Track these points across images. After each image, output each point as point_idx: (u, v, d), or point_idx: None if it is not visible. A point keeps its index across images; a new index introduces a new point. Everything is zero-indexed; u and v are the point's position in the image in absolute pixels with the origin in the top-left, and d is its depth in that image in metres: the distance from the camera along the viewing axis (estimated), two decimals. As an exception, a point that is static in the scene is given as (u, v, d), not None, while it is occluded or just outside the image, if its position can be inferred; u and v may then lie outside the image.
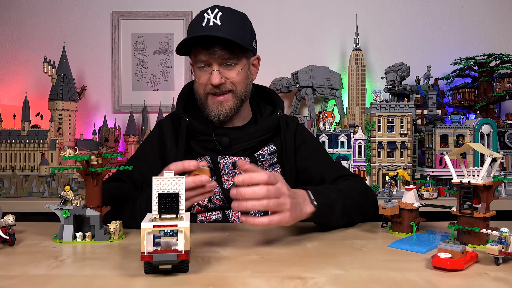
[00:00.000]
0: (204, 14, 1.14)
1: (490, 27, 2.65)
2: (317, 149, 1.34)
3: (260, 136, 1.24)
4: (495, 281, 0.64)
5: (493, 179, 0.86)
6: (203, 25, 1.12)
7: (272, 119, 1.27)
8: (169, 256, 0.64)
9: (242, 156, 1.22)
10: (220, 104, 1.20)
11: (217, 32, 1.11)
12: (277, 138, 1.28)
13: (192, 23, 1.17)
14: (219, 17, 1.13)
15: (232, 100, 1.20)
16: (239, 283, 0.63)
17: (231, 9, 1.18)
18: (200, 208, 1.20)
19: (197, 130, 1.23)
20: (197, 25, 1.14)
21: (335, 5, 2.65)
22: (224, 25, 1.12)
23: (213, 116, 1.21)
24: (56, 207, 0.88)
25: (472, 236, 0.83)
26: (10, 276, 0.67)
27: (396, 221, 0.97)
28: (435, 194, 2.02)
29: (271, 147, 1.27)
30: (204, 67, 1.17)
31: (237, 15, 1.18)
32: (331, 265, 0.72)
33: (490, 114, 2.35)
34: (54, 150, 2.17)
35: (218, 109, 1.20)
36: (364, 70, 2.41)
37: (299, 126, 1.37)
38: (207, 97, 1.21)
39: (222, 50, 1.13)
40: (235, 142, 1.23)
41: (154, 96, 2.62)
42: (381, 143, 2.14)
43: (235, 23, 1.16)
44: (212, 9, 1.15)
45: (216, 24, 1.12)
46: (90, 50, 2.63)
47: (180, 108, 1.29)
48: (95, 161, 0.90)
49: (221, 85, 1.17)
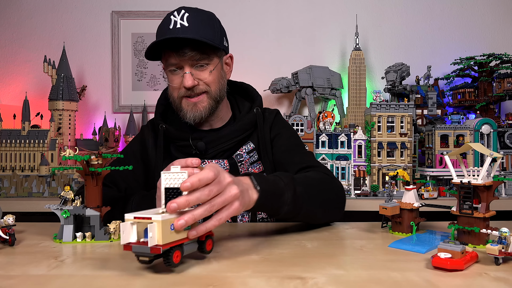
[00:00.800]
0: (171, 17, 1.12)
1: (490, 27, 2.65)
2: (289, 140, 1.28)
3: (236, 136, 1.23)
4: (495, 281, 0.64)
5: (493, 179, 0.86)
6: (170, 27, 1.11)
7: (248, 117, 1.25)
8: (143, 248, 0.64)
9: (220, 159, 1.21)
10: (194, 105, 1.18)
11: (185, 33, 1.09)
12: (255, 135, 1.27)
13: (160, 27, 1.15)
14: (186, 18, 1.11)
15: (206, 101, 1.19)
16: (239, 283, 0.63)
17: (197, 9, 1.16)
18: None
19: (174, 136, 1.23)
20: (164, 28, 1.12)
21: (335, 5, 2.65)
22: (191, 26, 1.11)
23: (188, 119, 1.20)
24: (56, 207, 0.88)
25: (472, 236, 0.83)
26: (10, 276, 0.67)
27: (396, 221, 0.97)
28: (435, 194, 2.02)
29: (249, 145, 1.25)
30: (176, 70, 1.16)
31: (204, 15, 1.17)
32: (331, 265, 0.72)
33: (490, 114, 2.35)
34: (54, 150, 2.17)
35: (193, 111, 1.19)
36: (364, 70, 2.41)
37: (277, 117, 1.33)
38: (181, 100, 1.19)
39: (192, 51, 1.12)
40: (211, 146, 1.21)
41: (154, 96, 2.59)
42: (381, 143, 2.14)
43: (203, 23, 1.14)
44: (178, 11, 1.13)
45: (184, 26, 1.10)
46: (90, 50, 2.64)
47: (158, 114, 1.30)
48: (95, 161, 0.90)
49: (195, 87, 1.16)
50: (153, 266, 0.71)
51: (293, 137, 1.32)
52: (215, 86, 1.20)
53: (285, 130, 1.31)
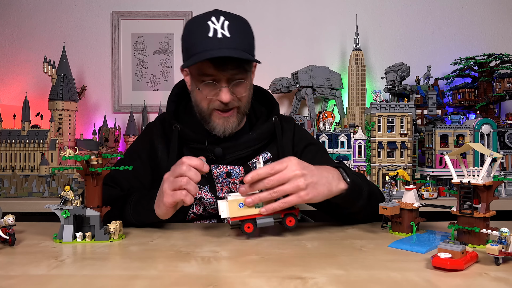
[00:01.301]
0: (209, 23, 1.05)
1: (490, 27, 2.65)
2: (323, 153, 1.31)
3: (254, 145, 1.20)
4: (495, 281, 0.64)
5: (493, 179, 0.86)
6: (210, 36, 1.04)
7: (267, 126, 1.22)
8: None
9: (235, 165, 1.19)
10: (226, 120, 1.14)
11: (228, 45, 1.04)
12: (273, 145, 1.24)
13: (196, 32, 1.07)
14: (227, 27, 1.05)
15: (236, 115, 1.15)
16: (239, 283, 0.63)
17: (234, 16, 1.10)
18: (195, 217, 1.20)
19: (189, 138, 1.19)
20: (203, 37, 1.05)
21: (335, 5, 2.65)
22: (234, 38, 1.05)
23: (218, 131, 1.15)
24: (56, 207, 0.88)
25: (472, 236, 0.83)
26: (10, 276, 0.67)
27: (396, 221, 0.97)
28: (435, 194, 2.02)
29: (266, 154, 1.23)
30: (211, 82, 1.10)
31: (241, 22, 1.11)
32: (331, 265, 0.72)
33: (490, 114, 2.35)
34: (54, 150, 2.17)
35: (224, 125, 1.14)
36: (364, 70, 2.41)
37: (297, 128, 1.33)
38: (212, 113, 1.14)
39: (234, 68, 1.07)
40: (228, 152, 1.18)
41: (154, 96, 2.62)
42: (381, 143, 2.14)
43: (243, 33, 1.10)
44: (217, 17, 1.06)
45: (226, 37, 1.04)
46: (90, 50, 2.63)
47: (171, 112, 1.24)
48: (95, 161, 0.90)
49: (229, 102, 1.11)
50: (153, 266, 0.71)
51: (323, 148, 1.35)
52: (246, 100, 1.17)
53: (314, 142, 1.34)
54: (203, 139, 1.18)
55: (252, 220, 0.89)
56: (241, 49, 1.06)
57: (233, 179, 1.19)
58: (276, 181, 0.88)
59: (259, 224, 0.90)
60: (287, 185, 0.89)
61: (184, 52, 1.14)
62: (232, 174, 1.18)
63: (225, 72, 1.07)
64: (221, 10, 1.11)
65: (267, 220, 0.90)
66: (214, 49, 1.04)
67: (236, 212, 0.89)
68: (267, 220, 0.90)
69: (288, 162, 0.90)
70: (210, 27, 1.05)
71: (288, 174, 0.89)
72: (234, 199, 0.89)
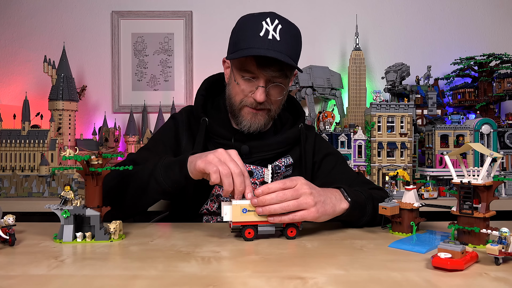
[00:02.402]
0: (263, 23, 1.08)
1: (490, 27, 2.65)
2: (342, 162, 1.33)
3: (279, 148, 1.22)
4: (495, 281, 0.64)
5: (493, 179, 0.86)
6: (261, 35, 1.07)
7: (293, 132, 1.24)
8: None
9: (258, 166, 1.20)
10: (254, 116, 1.16)
11: (276, 48, 1.06)
12: (295, 151, 1.26)
13: (246, 28, 1.11)
14: (279, 31, 1.08)
15: (265, 116, 1.17)
16: (239, 283, 0.63)
17: (289, 22, 1.13)
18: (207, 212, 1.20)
19: (217, 133, 1.20)
20: (254, 34, 1.08)
21: (335, 5, 2.65)
22: (283, 42, 1.07)
23: (244, 126, 1.17)
24: (56, 207, 0.88)
25: (472, 236, 0.83)
26: (10, 276, 0.67)
27: (396, 221, 0.97)
28: (435, 194, 2.01)
29: (288, 159, 1.24)
30: (250, 78, 1.12)
31: (294, 30, 1.14)
32: (331, 265, 0.72)
33: (490, 114, 2.35)
34: (54, 150, 2.17)
35: (251, 121, 1.16)
36: (364, 70, 2.41)
37: (318, 137, 1.34)
38: (243, 108, 1.16)
39: (276, 71, 1.09)
40: (254, 151, 1.20)
41: (154, 96, 2.62)
42: (381, 143, 2.14)
43: (293, 41, 1.12)
44: (272, 19, 1.09)
45: (275, 39, 1.07)
46: (90, 50, 2.63)
47: (200, 106, 1.24)
48: (95, 161, 0.90)
49: (262, 103, 1.13)
50: (153, 266, 0.71)
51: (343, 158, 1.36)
52: (278, 105, 1.18)
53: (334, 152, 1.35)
54: (230, 135, 1.19)
55: (254, 227, 0.90)
56: (287, 55, 1.08)
57: (254, 179, 1.20)
58: (290, 196, 0.89)
59: (260, 232, 0.91)
60: (298, 201, 0.90)
61: (231, 45, 1.16)
62: (254, 174, 1.19)
63: (266, 72, 1.09)
64: (277, 13, 1.14)
65: (268, 228, 0.91)
66: (261, 48, 1.06)
67: (238, 217, 0.90)
68: (268, 228, 0.91)
69: (298, 181, 0.92)
70: (263, 27, 1.08)
71: (299, 190, 0.90)
72: (238, 203, 0.90)
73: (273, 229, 0.91)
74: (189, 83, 2.61)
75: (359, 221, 1.03)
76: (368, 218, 1.03)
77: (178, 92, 2.62)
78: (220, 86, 1.31)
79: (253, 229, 0.90)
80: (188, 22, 2.62)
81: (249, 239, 0.89)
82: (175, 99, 2.58)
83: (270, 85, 1.12)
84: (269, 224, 0.90)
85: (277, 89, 1.14)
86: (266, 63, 1.08)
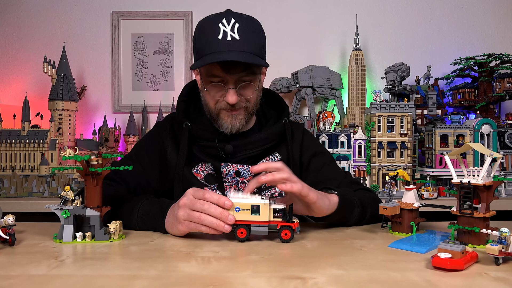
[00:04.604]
0: (219, 25, 1.06)
1: (490, 27, 2.65)
2: (330, 162, 1.32)
3: (264, 144, 1.21)
4: (495, 281, 0.64)
5: (493, 179, 0.86)
6: (220, 38, 1.05)
7: (277, 127, 1.23)
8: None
9: (245, 164, 1.19)
10: (234, 117, 1.15)
11: (237, 48, 1.05)
12: (282, 147, 1.25)
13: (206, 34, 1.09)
14: (237, 29, 1.06)
15: (243, 114, 1.16)
16: (239, 283, 0.63)
17: (246, 17, 1.10)
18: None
19: (200, 136, 1.19)
20: (213, 39, 1.06)
21: (335, 5, 2.65)
22: (242, 40, 1.06)
23: (225, 129, 1.16)
24: (56, 207, 0.88)
25: (472, 236, 0.83)
26: (10, 276, 0.67)
27: (396, 221, 0.97)
28: (435, 194, 2.02)
29: (276, 156, 1.23)
30: (218, 83, 1.11)
31: (254, 24, 1.11)
32: (331, 265, 0.72)
33: (490, 114, 2.35)
34: (54, 150, 2.17)
35: (232, 123, 1.15)
36: (364, 70, 2.41)
37: (306, 135, 1.33)
38: (220, 112, 1.16)
39: (242, 71, 1.08)
40: (239, 150, 1.19)
41: (154, 96, 2.62)
42: (381, 143, 2.14)
43: (253, 36, 1.10)
44: (228, 19, 1.07)
45: (235, 39, 1.05)
46: (90, 50, 2.63)
47: (181, 111, 1.24)
48: (95, 161, 0.90)
49: (236, 103, 1.12)
50: (153, 266, 0.71)
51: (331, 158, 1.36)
52: (254, 101, 1.17)
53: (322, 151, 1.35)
54: (213, 137, 1.19)
55: (246, 226, 0.88)
56: (250, 52, 1.07)
57: (242, 178, 1.19)
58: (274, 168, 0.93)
59: (253, 232, 0.89)
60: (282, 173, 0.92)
61: (195, 53, 1.15)
62: (241, 173, 1.19)
63: (233, 74, 1.08)
64: (233, 11, 1.11)
65: (261, 229, 0.89)
66: (222, 52, 1.05)
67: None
68: (261, 229, 0.89)
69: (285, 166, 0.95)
70: (220, 29, 1.06)
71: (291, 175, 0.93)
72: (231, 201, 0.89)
73: (267, 230, 0.89)
74: (189, 83, 2.61)
75: (348, 220, 1.04)
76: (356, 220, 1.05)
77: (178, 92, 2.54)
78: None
79: (245, 228, 0.88)
80: (188, 22, 2.62)
81: (241, 239, 0.88)
82: (175, 99, 2.55)
83: (239, 85, 1.11)
84: (262, 224, 0.88)
85: (248, 87, 1.13)
86: (231, 65, 1.07)
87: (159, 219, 0.97)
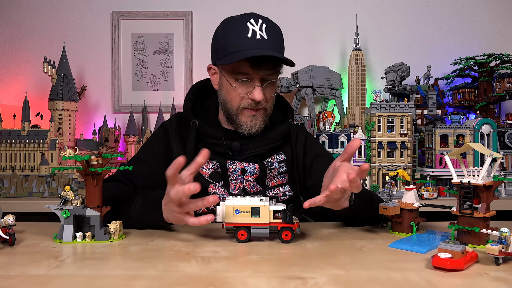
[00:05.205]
0: (248, 24, 1.10)
1: (490, 27, 2.65)
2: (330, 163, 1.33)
3: (270, 143, 1.22)
4: (495, 281, 0.64)
5: (493, 179, 0.86)
6: (249, 36, 1.09)
7: (283, 128, 1.25)
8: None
9: (251, 163, 1.20)
10: (254, 118, 1.17)
11: (266, 47, 1.08)
12: (287, 148, 1.27)
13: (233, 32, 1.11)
14: (265, 30, 1.10)
15: (262, 115, 1.18)
16: (239, 283, 0.63)
17: (270, 20, 1.15)
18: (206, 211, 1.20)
19: (207, 133, 1.20)
20: (242, 35, 1.09)
21: (335, 5, 2.65)
22: (271, 40, 1.10)
23: (244, 129, 1.17)
24: (56, 207, 0.88)
25: (472, 236, 0.83)
26: (10, 276, 0.67)
27: (396, 221, 0.97)
28: (435, 194, 2.02)
29: (281, 155, 1.25)
30: (245, 80, 1.13)
31: (275, 26, 1.16)
32: (331, 265, 0.72)
33: (490, 114, 2.35)
34: (54, 150, 2.17)
35: (252, 123, 1.17)
36: (364, 70, 2.41)
37: (309, 137, 1.36)
38: (242, 111, 1.17)
39: (270, 69, 1.11)
40: (245, 148, 1.20)
41: (154, 96, 2.62)
42: (381, 143, 2.14)
43: (278, 37, 1.14)
44: (255, 19, 1.11)
45: (264, 38, 1.09)
46: (90, 50, 2.63)
47: (188, 109, 1.25)
48: (95, 161, 0.90)
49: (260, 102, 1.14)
50: (153, 266, 0.71)
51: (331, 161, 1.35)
52: (272, 102, 1.20)
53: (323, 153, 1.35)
54: (220, 134, 1.20)
55: (247, 228, 0.89)
56: (277, 51, 1.11)
57: (248, 176, 1.20)
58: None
59: (254, 234, 0.89)
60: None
61: (218, 50, 1.16)
62: (247, 171, 1.19)
63: (261, 71, 1.11)
64: (257, 13, 1.15)
65: (262, 231, 0.89)
66: (254, 49, 1.08)
67: (231, 218, 0.89)
68: (262, 231, 0.89)
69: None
70: (249, 28, 1.10)
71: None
72: (231, 204, 0.89)
73: (267, 232, 0.89)
74: (189, 83, 2.61)
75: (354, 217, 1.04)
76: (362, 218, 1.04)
77: (178, 92, 2.62)
78: (207, 91, 1.32)
79: (246, 231, 0.89)
80: (188, 22, 2.62)
81: (242, 241, 0.88)
82: (175, 99, 2.58)
83: (265, 83, 1.14)
84: (263, 226, 0.89)
85: (271, 86, 1.16)
86: (260, 63, 1.09)
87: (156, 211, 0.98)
